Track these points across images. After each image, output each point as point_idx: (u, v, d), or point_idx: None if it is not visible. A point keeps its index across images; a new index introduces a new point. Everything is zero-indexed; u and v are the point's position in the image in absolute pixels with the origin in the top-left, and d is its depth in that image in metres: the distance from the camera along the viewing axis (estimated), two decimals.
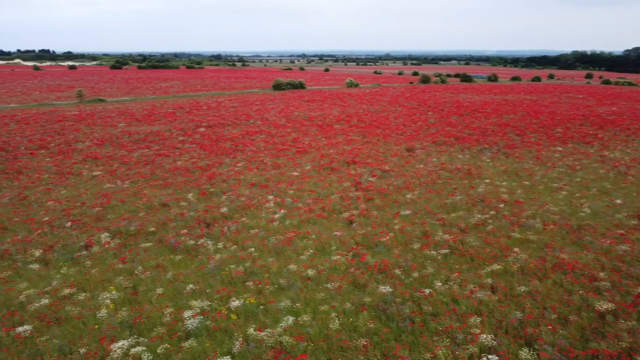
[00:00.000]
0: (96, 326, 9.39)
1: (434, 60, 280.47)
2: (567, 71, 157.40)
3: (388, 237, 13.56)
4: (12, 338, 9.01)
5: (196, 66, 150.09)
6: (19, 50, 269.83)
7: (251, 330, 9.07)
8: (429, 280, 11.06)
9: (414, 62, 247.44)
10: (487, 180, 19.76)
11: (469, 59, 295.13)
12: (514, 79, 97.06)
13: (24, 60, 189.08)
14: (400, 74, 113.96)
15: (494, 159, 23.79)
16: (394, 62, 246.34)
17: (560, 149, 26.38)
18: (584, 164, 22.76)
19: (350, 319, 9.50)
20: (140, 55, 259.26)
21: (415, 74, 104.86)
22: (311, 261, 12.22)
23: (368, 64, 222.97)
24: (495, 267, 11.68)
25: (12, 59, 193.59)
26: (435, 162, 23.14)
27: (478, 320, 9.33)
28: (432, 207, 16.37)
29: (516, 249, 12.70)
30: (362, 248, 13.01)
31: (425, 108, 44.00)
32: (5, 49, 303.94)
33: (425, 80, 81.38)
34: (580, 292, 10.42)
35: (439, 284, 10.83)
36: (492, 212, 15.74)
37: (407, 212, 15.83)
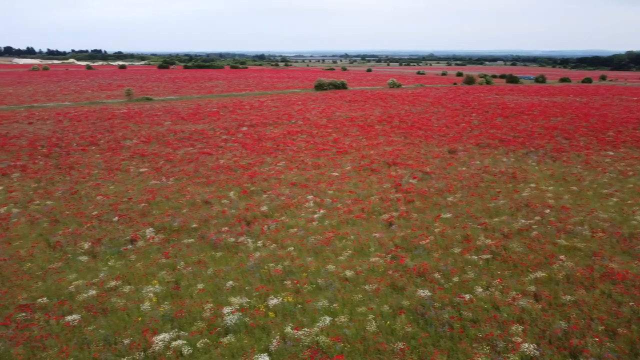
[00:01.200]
0: (139, 318, 9.69)
1: (479, 60, 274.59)
2: (621, 72, 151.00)
3: (428, 240, 13.38)
4: (61, 326, 9.42)
5: (240, 66, 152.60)
6: (73, 50, 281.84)
7: (288, 329, 9.15)
8: (469, 286, 10.84)
9: (458, 62, 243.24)
10: (533, 185, 19.19)
11: (515, 60, 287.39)
12: (563, 80, 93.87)
13: (78, 60, 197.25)
14: (443, 74, 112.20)
15: (540, 163, 23.08)
16: (438, 63, 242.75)
17: (611, 153, 25.32)
18: (637, 170, 21.76)
19: (388, 322, 9.43)
20: (186, 55, 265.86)
21: (459, 74, 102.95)
22: (349, 262, 12.20)
23: (411, 64, 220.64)
24: (540, 274, 11.34)
25: (67, 59, 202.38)
26: (478, 164, 22.66)
27: (520, 329, 9.08)
28: (474, 210, 16.04)
29: (562, 257, 12.27)
30: (401, 250, 12.89)
31: (469, 109, 43.16)
32: (61, 49, 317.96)
33: (470, 81, 79.79)
34: (631, 303, 9.97)
35: (480, 289, 10.60)
36: (537, 218, 15.27)
37: (448, 215, 15.57)
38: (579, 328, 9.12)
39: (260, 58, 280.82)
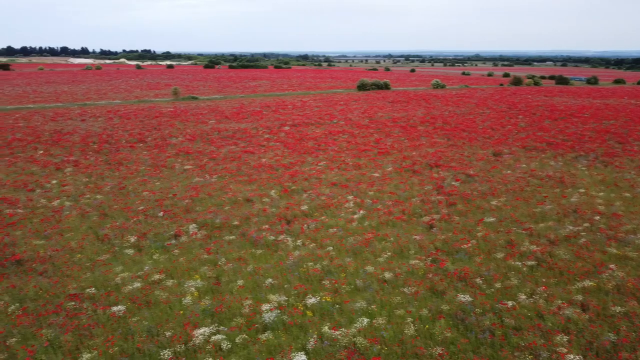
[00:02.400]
0: (181, 312, 9.94)
1: (527, 61, 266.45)
2: None
3: (470, 244, 13.10)
4: (107, 316, 9.78)
5: (283, 66, 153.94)
6: (124, 51, 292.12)
7: (326, 329, 9.16)
8: (512, 292, 10.55)
9: (505, 63, 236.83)
10: (582, 190, 18.47)
11: (566, 60, 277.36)
12: (617, 81, 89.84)
13: (128, 59, 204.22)
14: (489, 75, 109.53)
15: (591, 168, 22.19)
16: (484, 63, 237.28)
17: None
18: None
19: (427, 326, 9.30)
20: (231, 55, 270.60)
21: (506, 75, 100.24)
22: (389, 264, 12.10)
23: (456, 64, 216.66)
24: (587, 283, 10.90)
25: (118, 59, 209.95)
26: (524, 168, 22.01)
27: (565, 339, 8.76)
28: (518, 215, 15.59)
29: (612, 266, 11.76)
30: (441, 254, 12.68)
31: (515, 111, 41.99)
32: (113, 49, 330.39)
33: (517, 82, 77.59)
34: None
35: (523, 297, 10.29)
36: (586, 225, 14.69)
37: (492, 219, 15.20)
38: (629, 341, 8.71)
39: (304, 58, 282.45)
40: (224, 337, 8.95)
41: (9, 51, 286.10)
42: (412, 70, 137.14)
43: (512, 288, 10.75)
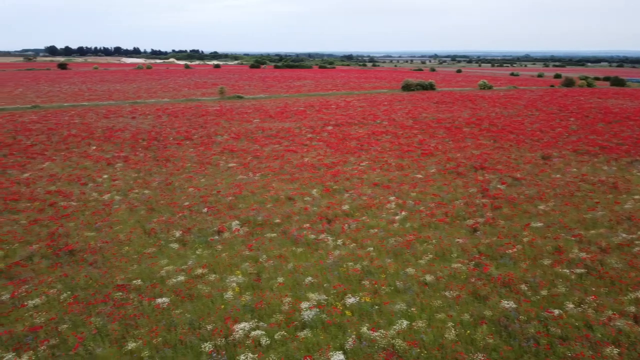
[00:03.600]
0: (222, 306, 10.13)
1: (580, 61, 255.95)
2: None
3: (515, 250, 12.73)
4: (152, 307, 10.08)
5: (328, 66, 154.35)
6: (173, 51, 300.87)
7: (364, 329, 9.12)
8: (559, 301, 10.18)
9: (557, 63, 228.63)
10: (637, 197, 17.61)
11: (622, 61, 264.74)
12: None
13: (177, 59, 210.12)
14: (540, 76, 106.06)
15: None
16: (534, 64, 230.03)
17: None
18: None
19: (468, 331, 9.10)
20: (277, 55, 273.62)
21: (557, 76, 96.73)
22: (430, 266, 11.93)
23: (504, 65, 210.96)
24: None
25: (168, 58, 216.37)
26: (574, 172, 21.20)
27: (615, 352, 8.37)
28: (567, 221, 15.02)
29: None
30: (485, 258, 12.38)
31: (566, 113, 40.51)
32: (163, 49, 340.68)
33: (569, 83, 74.80)
34: None
35: (571, 305, 9.91)
36: None
37: (539, 224, 14.71)
38: None
39: (348, 58, 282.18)
40: (263, 332, 9.06)
41: (67, 51, 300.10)
42: (459, 71, 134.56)
43: (559, 296, 10.37)
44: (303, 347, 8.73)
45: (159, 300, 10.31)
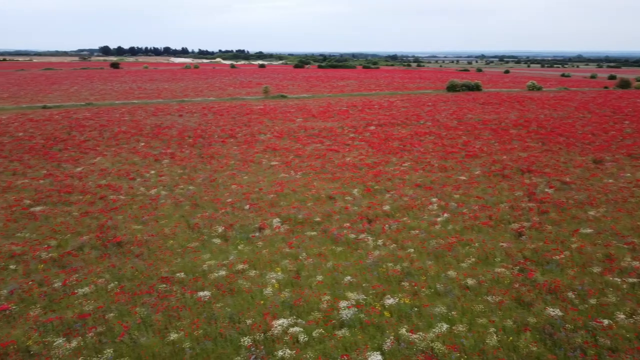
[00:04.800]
0: (262, 302, 10.25)
1: (637, 62, 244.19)
2: None
3: (562, 256, 12.28)
4: (194, 300, 10.32)
5: (372, 66, 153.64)
6: (220, 50, 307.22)
7: (403, 331, 9.02)
8: (609, 310, 9.75)
9: (611, 64, 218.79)
10: None
11: None
12: None
13: (223, 59, 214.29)
14: (592, 77, 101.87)
15: None
16: (586, 65, 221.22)
17: None
18: None
19: (510, 338, 8.85)
20: (321, 55, 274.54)
21: (611, 77, 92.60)
22: (472, 270, 11.67)
23: (555, 66, 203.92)
24: None
25: (214, 58, 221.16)
26: (628, 177, 20.24)
27: None
28: (620, 228, 14.37)
29: None
30: (530, 263, 12.00)
31: (621, 116, 38.73)
32: (210, 49, 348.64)
33: (624, 84, 71.44)
34: None
35: (622, 316, 9.47)
36: None
37: (589, 230, 14.14)
38: None
39: (393, 58, 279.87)
40: (302, 329, 9.11)
41: (119, 51, 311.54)
42: (506, 72, 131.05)
43: (609, 306, 9.93)
44: (341, 346, 8.73)
45: (201, 293, 10.54)
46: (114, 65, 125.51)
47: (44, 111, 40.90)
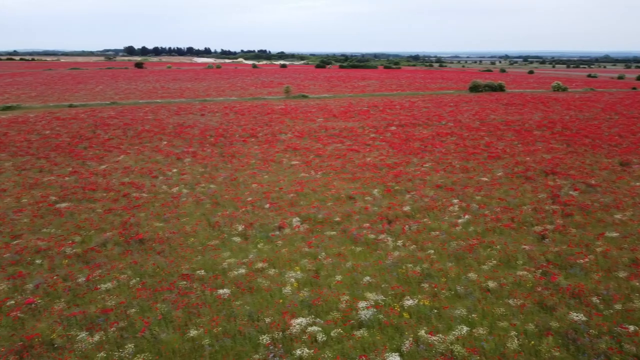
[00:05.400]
0: (281, 300, 10.28)
1: None
2: None
3: (587, 260, 12.03)
4: (214, 297, 10.41)
5: (393, 66, 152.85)
6: (242, 51, 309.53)
7: (422, 332, 8.95)
8: (635, 316, 9.51)
9: None
10: None
11: None
12: None
13: (245, 59, 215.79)
14: (620, 78, 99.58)
15: None
16: (614, 65, 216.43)
17: None
18: None
19: (532, 342, 8.70)
20: (342, 55, 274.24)
21: None
22: (493, 272, 11.51)
23: (581, 66, 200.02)
24: None
25: (236, 58, 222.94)
26: None
27: None
28: None
29: None
30: (553, 267, 11.79)
31: None
32: (232, 49, 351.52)
33: None
34: None
35: None
36: None
37: (614, 234, 13.81)
38: None
39: (415, 59, 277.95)
40: (320, 329, 9.11)
41: (144, 51, 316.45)
42: (531, 72, 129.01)
43: (635, 311, 9.69)
44: (359, 346, 8.70)
45: (221, 291, 10.62)
46: (138, 65, 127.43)
47: (70, 110, 41.76)
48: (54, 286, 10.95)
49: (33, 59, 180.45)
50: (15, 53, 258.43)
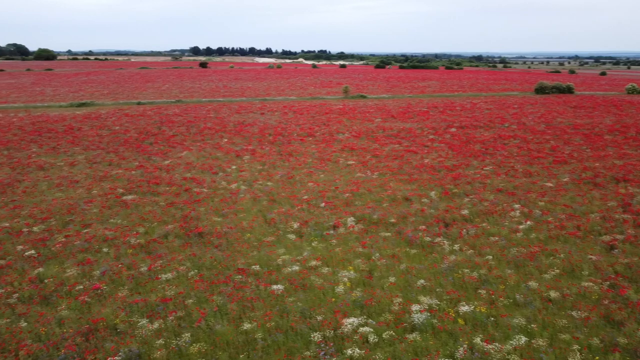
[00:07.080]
0: (333, 299, 10.30)
1: None
2: None
3: None
4: (268, 293, 10.58)
5: (455, 67, 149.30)
6: (302, 51, 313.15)
7: (477, 340, 8.69)
8: None
9: None
10: None
11: None
12: None
13: (306, 59, 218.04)
14: None
15: None
16: None
17: None
18: None
19: (597, 358, 8.25)
20: (402, 55, 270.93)
21: None
22: (556, 282, 11.00)
23: None
24: None
25: (297, 58, 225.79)
26: None
27: None
28: None
29: None
30: (622, 279, 11.11)
31: None
32: (292, 49, 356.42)
33: None
34: None
35: None
36: None
37: None
38: None
39: (477, 59, 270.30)
40: (372, 330, 9.05)
41: (208, 51, 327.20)
42: (603, 73, 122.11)
43: None
44: (411, 350, 8.57)
45: (275, 286, 10.78)
46: (203, 65, 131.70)
47: (139, 107, 43.78)
48: (118, 274, 11.52)
49: (106, 59, 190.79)
50: (90, 53, 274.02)
